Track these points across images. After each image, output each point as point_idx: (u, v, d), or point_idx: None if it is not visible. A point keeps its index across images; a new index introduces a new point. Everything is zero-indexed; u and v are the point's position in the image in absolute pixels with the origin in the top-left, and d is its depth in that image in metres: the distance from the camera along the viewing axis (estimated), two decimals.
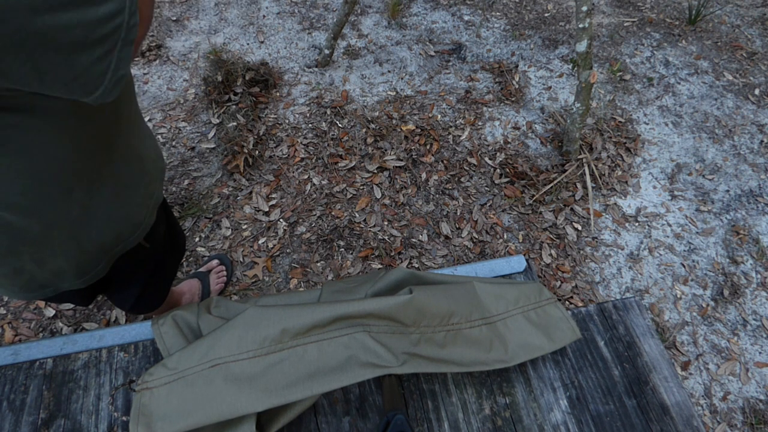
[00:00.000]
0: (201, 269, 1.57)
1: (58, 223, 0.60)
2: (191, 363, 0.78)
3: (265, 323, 0.81)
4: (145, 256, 0.87)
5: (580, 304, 1.66)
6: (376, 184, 1.90)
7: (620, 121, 2.19)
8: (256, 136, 1.95)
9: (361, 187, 1.89)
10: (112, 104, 0.57)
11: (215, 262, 1.59)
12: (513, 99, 2.23)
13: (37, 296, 0.72)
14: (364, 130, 2.05)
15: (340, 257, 1.71)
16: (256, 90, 2.09)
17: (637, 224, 1.89)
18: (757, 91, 2.34)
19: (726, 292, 1.73)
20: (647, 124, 2.21)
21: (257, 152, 1.92)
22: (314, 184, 1.88)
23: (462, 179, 1.95)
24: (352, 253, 1.72)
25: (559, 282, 1.71)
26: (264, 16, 2.49)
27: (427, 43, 2.45)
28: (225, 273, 1.59)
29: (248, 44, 2.35)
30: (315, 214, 1.80)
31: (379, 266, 1.70)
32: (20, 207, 0.55)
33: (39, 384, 0.89)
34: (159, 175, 0.80)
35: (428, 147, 2.03)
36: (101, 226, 0.68)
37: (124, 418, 0.86)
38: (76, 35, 0.37)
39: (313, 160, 1.95)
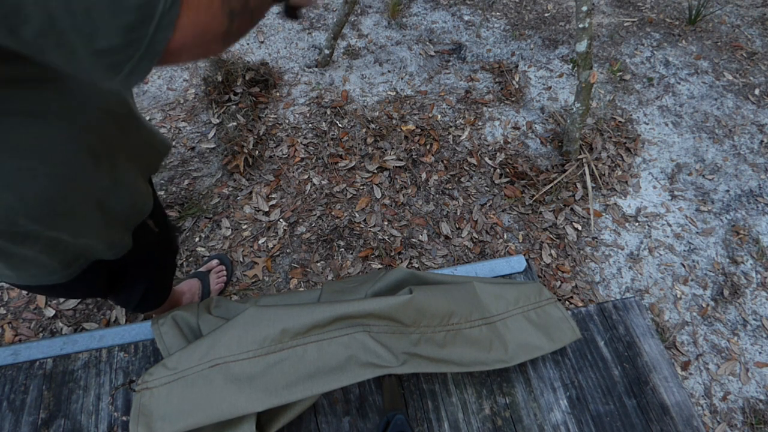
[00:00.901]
0: (201, 269, 1.57)
1: (90, 192, 0.63)
2: (191, 363, 0.78)
3: (265, 323, 0.81)
4: (155, 244, 0.88)
5: (580, 304, 1.66)
6: (376, 184, 1.90)
7: (620, 121, 2.19)
8: (256, 136, 1.95)
9: (361, 187, 1.89)
10: None
11: (215, 262, 1.59)
12: (513, 99, 2.23)
13: (72, 273, 0.73)
14: (364, 130, 2.05)
15: (340, 257, 1.71)
16: (256, 90, 2.09)
17: (637, 224, 1.89)
18: (757, 91, 2.34)
19: (726, 292, 1.73)
20: (647, 124, 2.21)
21: (257, 152, 1.92)
22: (314, 184, 1.88)
23: (462, 179, 1.95)
24: (352, 253, 1.72)
25: (559, 282, 1.71)
26: (264, 16, 2.49)
27: (427, 43, 2.45)
28: (225, 273, 1.59)
29: (248, 44, 2.35)
30: (315, 214, 1.80)
31: (379, 266, 1.70)
32: (57, 178, 0.56)
33: (39, 384, 0.89)
34: (156, 147, 0.82)
35: (428, 147, 2.03)
36: (124, 196, 0.70)
37: (124, 418, 0.86)
38: (78, 40, 0.32)
39: (313, 160, 1.95)
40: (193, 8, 0.34)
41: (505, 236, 1.81)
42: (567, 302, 1.67)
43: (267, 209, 1.79)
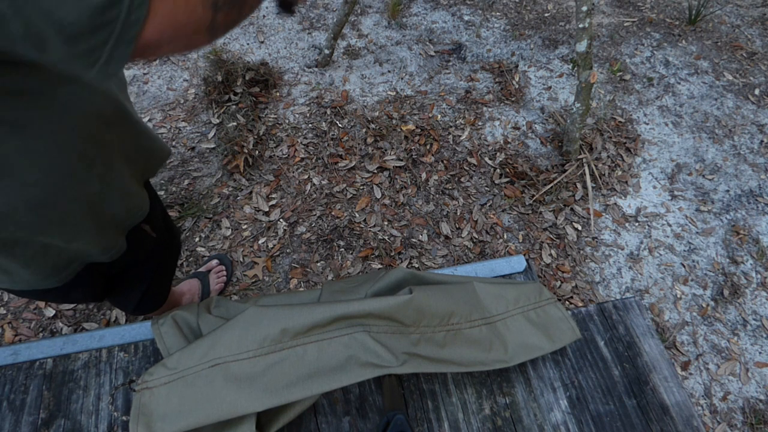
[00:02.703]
0: (201, 269, 1.57)
1: (81, 196, 0.62)
2: (191, 363, 0.78)
3: (265, 323, 0.81)
4: (152, 248, 0.87)
5: (580, 304, 1.66)
6: (376, 184, 1.90)
7: (620, 121, 2.19)
8: (256, 136, 1.95)
9: (361, 187, 1.89)
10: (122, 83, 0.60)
11: (215, 262, 1.59)
12: (513, 99, 2.23)
13: (67, 276, 0.72)
14: (364, 130, 2.05)
15: (340, 257, 1.71)
16: (256, 90, 2.09)
17: (637, 224, 1.89)
18: (757, 91, 2.34)
19: (726, 292, 1.73)
20: (647, 124, 2.21)
21: (257, 152, 1.92)
22: (314, 184, 1.88)
23: (462, 179, 1.95)
24: (352, 253, 1.72)
25: (559, 282, 1.71)
26: (264, 16, 2.49)
27: (427, 43, 2.45)
28: (225, 273, 1.59)
29: (248, 44, 2.35)
30: (315, 214, 1.80)
31: (379, 266, 1.70)
32: (46, 183, 0.56)
33: (39, 384, 0.89)
34: (154, 152, 0.81)
35: (428, 147, 2.03)
36: (117, 200, 0.70)
37: (124, 418, 0.86)
38: (48, 25, 0.31)
39: (313, 160, 1.95)
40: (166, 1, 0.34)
41: (505, 236, 1.81)
42: (567, 302, 1.67)
43: (267, 209, 1.79)
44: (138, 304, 0.99)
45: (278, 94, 2.16)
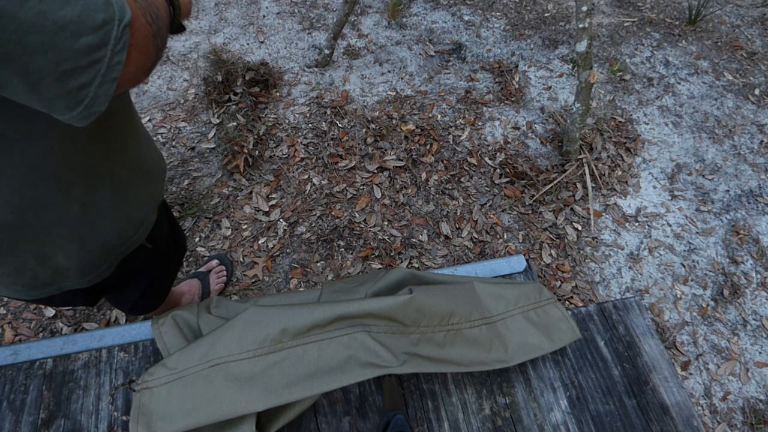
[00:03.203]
0: (201, 269, 1.57)
1: (57, 220, 0.61)
2: (191, 363, 0.78)
3: (265, 323, 0.81)
4: (149, 258, 0.87)
5: (580, 304, 1.66)
6: (376, 184, 1.90)
7: (620, 121, 2.19)
8: (256, 136, 1.95)
9: (361, 187, 1.89)
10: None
11: (215, 262, 1.59)
12: (513, 99, 2.23)
13: (40, 295, 0.71)
14: (364, 130, 2.05)
15: (340, 257, 1.71)
16: (256, 90, 2.09)
17: (637, 224, 1.89)
18: (757, 91, 2.34)
19: (726, 292, 1.73)
20: (647, 124, 2.21)
21: (257, 152, 1.92)
22: (314, 184, 1.88)
23: (462, 179, 1.95)
24: (352, 253, 1.72)
25: (559, 282, 1.71)
26: (264, 16, 2.49)
27: (427, 43, 2.45)
28: (225, 273, 1.59)
29: (248, 44, 2.35)
30: (315, 214, 1.80)
31: (379, 266, 1.70)
32: (16, 205, 0.55)
33: (39, 384, 0.89)
34: (160, 174, 0.81)
35: (428, 147, 2.03)
36: (104, 224, 0.68)
37: (124, 418, 0.86)
38: (46, 62, 0.35)
39: (313, 160, 1.95)
40: (136, 46, 0.41)
41: (505, 236, 1.81)
42: (567, 302, 1.67)
43: (267, 209, 1.79)
44: (135, 304, 0.98)
45: (278, 94, 2.16)
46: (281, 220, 1.78)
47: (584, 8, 1.62)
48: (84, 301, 0.87)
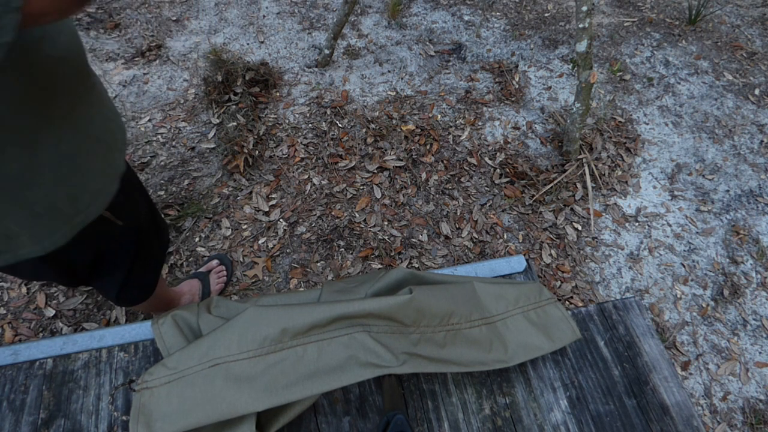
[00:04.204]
0: (201, 269, 1.57)
1: None
2: (191, 363, 0.78)
3: (265, 323, 0.81)
4: (123, 239, 0.85)
5: (580, 304, 1.66)
6: (376, 184, 1.90)
7: (620, 121, 2.19)
8: (256, 136, 1.95)
9: (361, 187, 1.89)
10: (46, 64, 0.57)
11: (215, 262, 1.59)
12: (513, 99, 2.23)
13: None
14: (364, 130, 2.05)
15: (340, 257, 1.71)
16: (256, 90, 2.09)
17: (637, 224, 1.89)
18: (757, 91, 2.34)
19: (726, 292, 1.73)
20: (647, 124, 2.21)
21: (257, 152, 1.92)
22: (314, 184, 1.88)
23: (462, 179, 1.95)
24: (352, 253, 1.72)
25: (559, 282, 1.71)
26: (264, 16, 2.49)
27: (427, 43, 2.45)
28: (225, 273, 1.59)
29: (248, 44, 2.35)
30: (315, 214, 1.80)
31: (379, 266, 1.70)
32: None
33: (39, 384, 0.89)
34: (118, 145, 0.77)
35: (428, 147, 2.03)
36: (50, 188, 0.65)
37: (124, 418, 0.86)
38: None
39: (313, 160, 1.95)
40: None
41: (505, 236, 1.81)
42: (567, 302, 1.67)
43: (267, 209, 1.79)
44: (119, 292, 0.95)
45: (278, 94, 2.16)
46: (281, 220, 1.78)
47: (584, 8, 1.62)
48: (55, 277, 0.84)
